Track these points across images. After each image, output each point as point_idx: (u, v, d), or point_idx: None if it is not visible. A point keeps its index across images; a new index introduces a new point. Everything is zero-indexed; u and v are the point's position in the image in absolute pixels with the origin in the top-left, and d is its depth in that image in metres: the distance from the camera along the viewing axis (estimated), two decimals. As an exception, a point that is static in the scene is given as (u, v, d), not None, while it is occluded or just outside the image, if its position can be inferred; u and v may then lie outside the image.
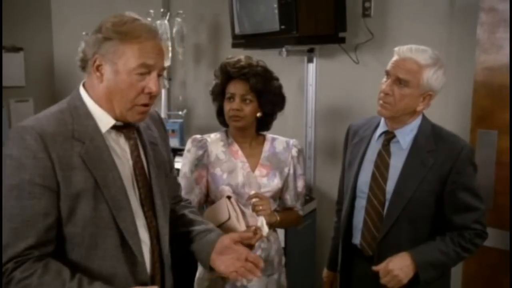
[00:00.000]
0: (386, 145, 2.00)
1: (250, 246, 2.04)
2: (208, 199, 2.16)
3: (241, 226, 2.04)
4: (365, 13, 3.08)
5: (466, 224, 1.90)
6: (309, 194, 3.40)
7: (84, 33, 3.45)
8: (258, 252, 2.12)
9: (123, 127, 1.50)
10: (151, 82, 1.43)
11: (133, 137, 1.53)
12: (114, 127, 1.48)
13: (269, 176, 2.15)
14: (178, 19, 3.55)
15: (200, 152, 2.13)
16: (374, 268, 1.87)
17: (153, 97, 1.47)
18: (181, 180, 2.13)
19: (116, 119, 1.48)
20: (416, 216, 1.93)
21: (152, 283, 1.54)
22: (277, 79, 2.15)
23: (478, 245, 1.93)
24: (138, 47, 1.40)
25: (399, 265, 1.83)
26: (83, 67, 1.47)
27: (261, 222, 2.01)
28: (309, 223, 3.27)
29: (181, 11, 3.56)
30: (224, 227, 2.06)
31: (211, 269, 1.65)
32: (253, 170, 2.14)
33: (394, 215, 1.93)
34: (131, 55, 1.40)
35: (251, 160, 2.15)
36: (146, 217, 1.52)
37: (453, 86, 2.88)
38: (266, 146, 2.20)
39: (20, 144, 1.34)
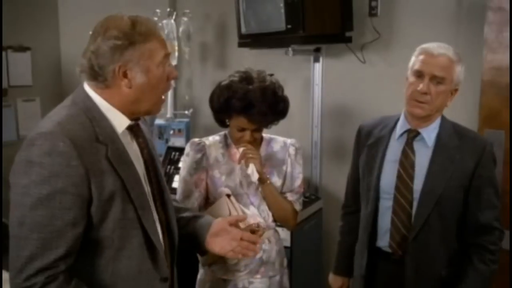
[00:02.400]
0: (410, 143, 1.98)
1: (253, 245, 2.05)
2: (208, 201, 2.15)
3: (242, 224, 2.04)
4: (372, 12, 3.07)
5: (489, 221, 1.92)
6: (315, 194, 3.40)
7: (91, 32, 3.48)
8: (259, 254, 2.11)
9: (132, 126, 1.52)
10: (170, 68, 1.50)
11: (141, 135, 1.55)
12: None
13: (267, 174, 2.14)
14: (185, 19, 3.55)
15: (199, 155, 2.12)
16: None
17: None
18: (180, 184, 2.13)
19: (133, 118, 1.49)
20: (446, 213, 1.93)
21: None
22: (284, 96, 2.10)
23: (499, 246, 1.96)
24: (157, 40, 1.45)
25: None
26: (95, 77, 1.43)
27: (251, 169, 2.02)
28: (315, 222, 3.26)
29: (187, 11, 3.56)
30: None
31: (204, 253, 1.68)
32: None
33: (425, 213, 1.92)
34: (156, 49, 1.44)
35: None
36: (158, 212, 1.55)
37: (461, 85, 2.87)
38: (263, 147, 2.19)
39: (53, 151, 1.30)
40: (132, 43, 1.40)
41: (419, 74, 1.90)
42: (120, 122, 1.46)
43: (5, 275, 2.52)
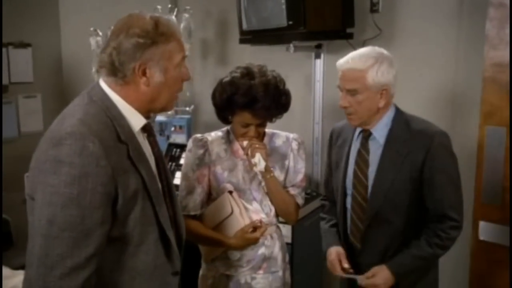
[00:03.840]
0: (364, 143, 2.07)
1: (255, 241, 2.05)
2: (211, 197, 2.15)
3: (245, 220, 2.04)
4: (373, 8, 3.06)
5: (442, 210, 1.97)
6: (316, 190, 3.39)
7: (92, 28, 3.48)
8: (262, 250, 2.11)
9: (145, 124, 1.55)
10: (186, 70, 1.55)
11: (153, 133, 1.60)
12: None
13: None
14: (186, 15, 3.54)
15: (201, 151, 2.11)
16: (361, 283, 2.01)
17: None
18: (182, 180, 2.12)
19: (148, 116, 1.53)
20: (396, 205, 2.00)
21: None
22: (286, 89, 2.11)
23: (455, 238, 2.00)
24: (177, 42, 1.50)
25: (383, 280, 1.97)
26: (114, 73, 1.45)
27: (258, 158, 2.03)
28: (316, 219, 3.24)
29: (188, 7, 3.55)
30: (227, 222, 2.06)
31: None
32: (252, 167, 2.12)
33: (375, 206, 2.01)
34: (175, 51, 1.48)
35: None
36: (167, 208, 1.58)
37: (462, 82, 2.87)
38: (266, 142, 2.18)
39: (83, 151, 1.32)
40: (155, 43, 1.43)
41: (340, 90, 2.01)
42: (137, 121, 1.50)
43: (5, 272, 2.53)
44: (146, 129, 1.55)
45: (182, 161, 2.23)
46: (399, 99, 2.11)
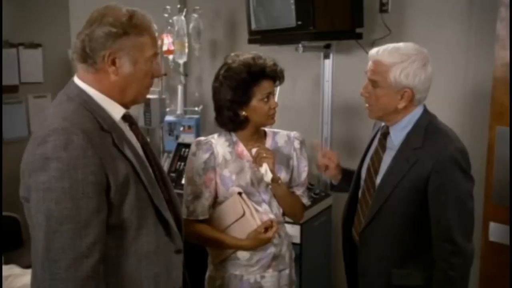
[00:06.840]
0: (382, 140, 2.04)
1: (268, 241, 2.05)
2: (217, 201, 2.13)
3: (256, 221, 2.04)
4: (382, 8, 3.06)
5: (442, 230, 1.86)
6: (325, 190, 3.39)
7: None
8: (271, 249, 2.11)
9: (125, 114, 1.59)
10: (158, 67, 1.60)
11: (134, 121, 1.64)
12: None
13: (276, 171, 2.12)
14: (195, 15, 3.55)
15: (207, 155, 2.09)
16: None
17: None
18: (188, 185, 2.10)
19: (125, 106, 1.56)
20: (395, 211, 1.93)
21: None
22: None
23: (462, 266, 1.86)
24: (150, 37, 1.53)
25: None
26: (85, 60, 1.49)
27: (265, 169, 2.02)
28: (324, 219, 3.26)
29: (197, 7, 3.56)
30: (239, 224, 2.06)
31: None
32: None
33: (375, 208, 1.97)
34: (147, 45, 1.51)
35: None
36: (162, 191, 1.63)
37: (472, 82, 2.85)
38: (268, 141, 2.18)
39: (69, 145, 1.35)
40: (126, 33, 1.47)
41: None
42: (116, 111, 1.54)
43: (15, 270, 2.54)
44: (127, 118, 1.59)
45: (187, 164, 2.19)
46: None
